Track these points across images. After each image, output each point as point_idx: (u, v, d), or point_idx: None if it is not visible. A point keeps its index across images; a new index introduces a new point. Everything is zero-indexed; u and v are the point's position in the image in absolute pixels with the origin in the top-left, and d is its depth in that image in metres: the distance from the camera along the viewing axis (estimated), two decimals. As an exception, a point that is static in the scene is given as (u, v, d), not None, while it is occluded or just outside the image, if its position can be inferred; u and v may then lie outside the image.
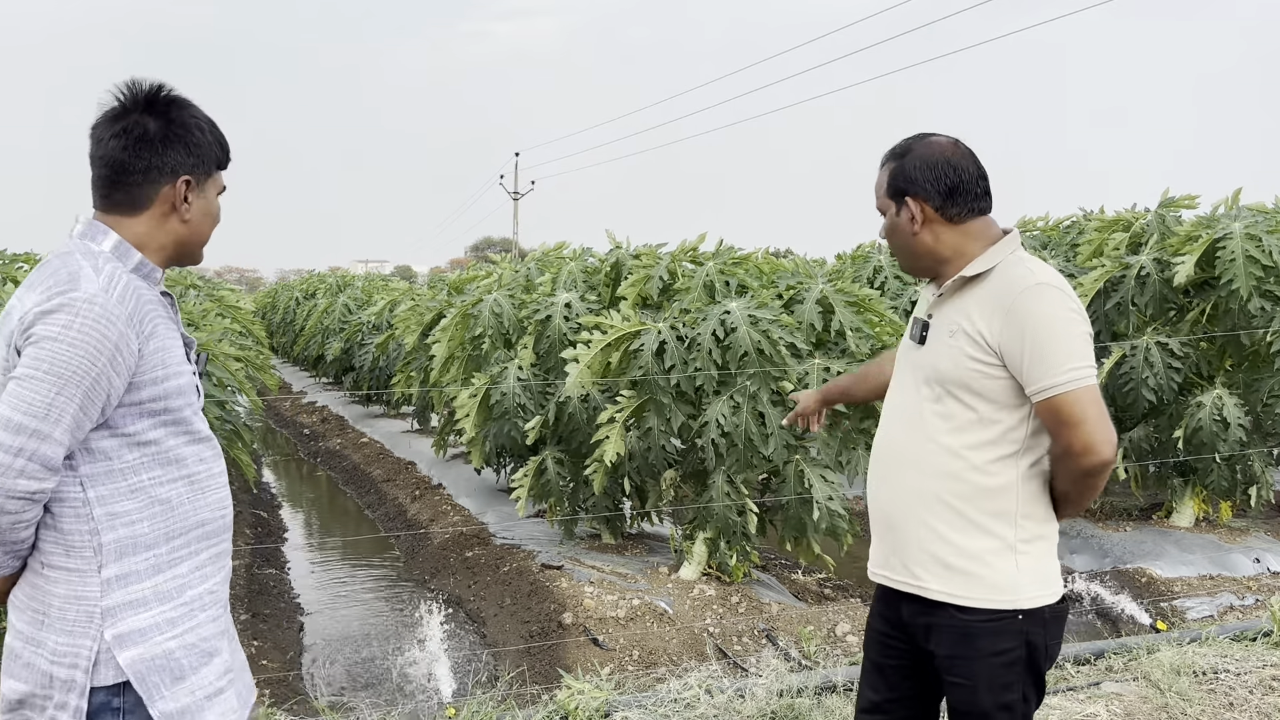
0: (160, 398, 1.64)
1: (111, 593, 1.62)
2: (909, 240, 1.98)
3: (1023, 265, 1.89)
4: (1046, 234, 6.99)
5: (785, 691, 3.46)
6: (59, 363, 1.53)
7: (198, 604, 1.70)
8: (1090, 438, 1.80)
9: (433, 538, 6.75)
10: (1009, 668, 1.91)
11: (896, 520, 1.99)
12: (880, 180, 2.02)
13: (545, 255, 6.48)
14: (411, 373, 8.08)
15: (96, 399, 1.56)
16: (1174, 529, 5.93)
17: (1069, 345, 1.81)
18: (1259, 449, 5.61)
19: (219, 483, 1.75)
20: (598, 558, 5.44)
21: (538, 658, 4.51)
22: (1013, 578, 1.89)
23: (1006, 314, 1.83)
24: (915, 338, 2.02)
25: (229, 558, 1.80)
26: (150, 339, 1.62)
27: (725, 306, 4.53)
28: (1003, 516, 1.90)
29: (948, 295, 1.96)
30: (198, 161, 1.72)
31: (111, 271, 1.60)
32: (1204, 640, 4.01)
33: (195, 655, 1.68)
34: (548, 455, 5.44)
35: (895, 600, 2.03)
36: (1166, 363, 5.46)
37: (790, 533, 4.71)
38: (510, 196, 41.69)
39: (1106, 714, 3.38)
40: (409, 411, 11.12)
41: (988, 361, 1.86)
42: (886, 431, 2.06)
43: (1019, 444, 1.89)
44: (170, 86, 1.72)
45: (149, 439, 1.65)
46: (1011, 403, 1.88)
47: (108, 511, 1.61)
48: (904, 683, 2.10)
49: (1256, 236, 5.16)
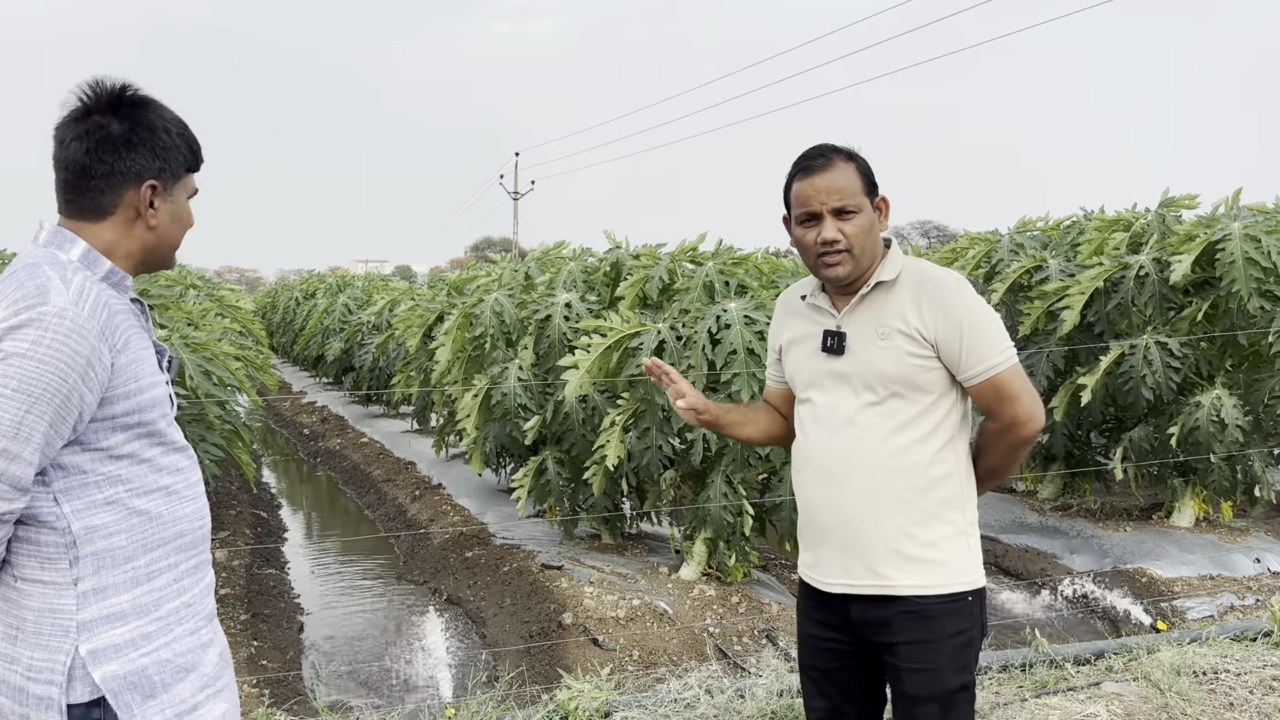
0: (134, 411, 1.59)
1: (88, 606, 1.57)
2: (877, 239, 2.01)
3: (930, 266, 2.04)
4: (1047, 234, 6.98)
5: (785, 691, 3.46)
6: (28, 380, 1.47)
7: (174, 618, 1.65)
8: (1031, 408, 1.98)
9: (433, 538, 6.75)
10: (966, 648, 2.00)
11: (853, 526, 2.01)
12: (850, 176, 1.98)
13: (545, 255, 6.48)
14: (411, 373, 8.08)
15: (68, 416, 1.50)
16: (1174, 529, 5.93)
17: (998, 329, 1.98)
18: (1259, 449, 5.61)
19: (196, 492, 1.71)
20: (598, 558, 5.44)
21: (538, 658, 4.51)
22: (966, 561, 2.01)
23: (942, 309, 1.95)
24: (834, 349, 2.03)
25: (209, 568, 1.76)
26: (123, 351, 1.56)
27: (723, 306, 4.53)
28: (952, 503, 2.01)
29: (858, 303, 2.02)
30: (164, 165, 1.64)
31: (81, 283, 1.53)
32: (1204, 640, 4.01)
33: (169, 671, 1.63)
34: (547, 455, 5.44)
35: (839, 603, 2.06)
36: (1166, 362, 5.46)
37: (787, 533, 4.71)
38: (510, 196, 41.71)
39: (1107, 714, 3.38)
40: (409, 412, 11.13)
41: (925, 355, 1.96)
42: (820, 441, 2.06)
43: (953, 431, 2.02)
44: (136, 86, 1.64)
45: (124, 453, 1.60)
46: (943, 392, 2.00)
47: (85, 525, 1.57)
48: (855, 682, 2.13)
49: (1256, 237, 5.16)
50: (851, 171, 1.98)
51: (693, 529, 4.97)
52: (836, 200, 1.96)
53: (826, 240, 1.96)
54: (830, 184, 1.96)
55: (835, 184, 1.96)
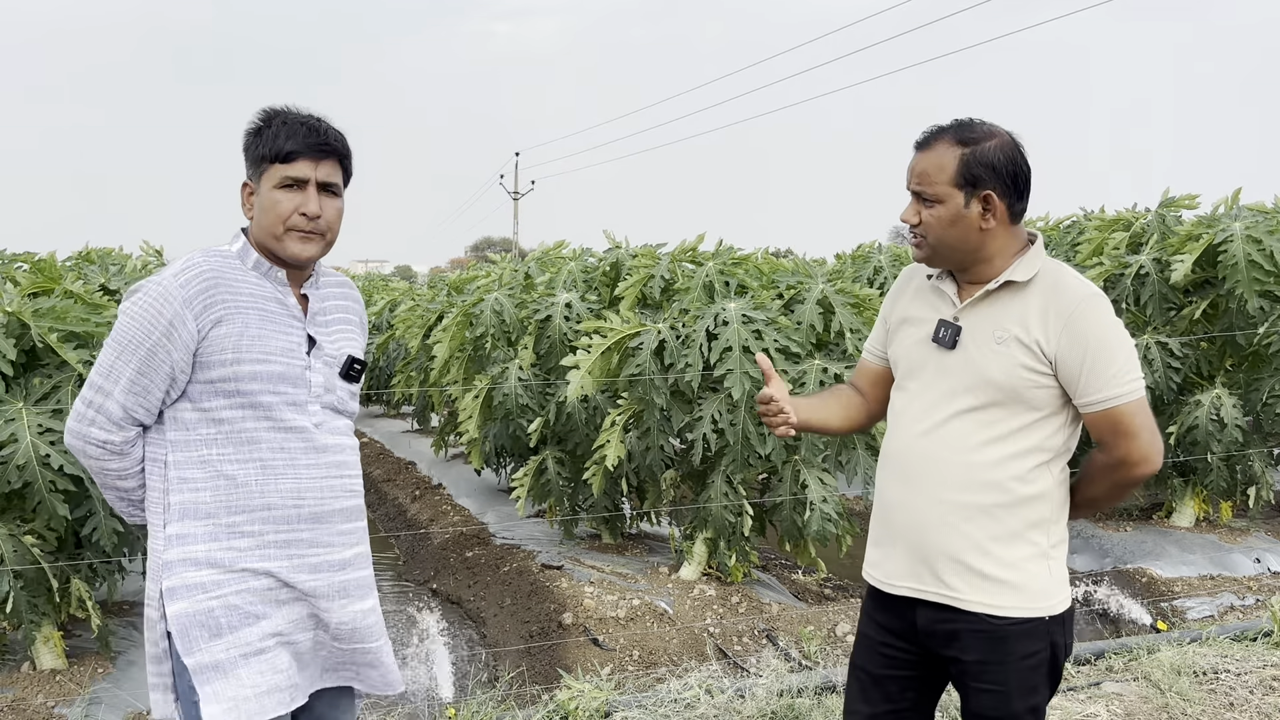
0: (230, 379, 1.77)
1: (171, 548, 1.79)
2: (972, 234, 1.86)
3: (1069, 274, 1.88)
4: (1047, 233, 6.97)
5: (785, 691, 3.46)
6: (119, 333, 1.77)
7: (251, 577, 1.80)
8: (1147, 449, 1.84)
9: (433, 537, 6.74)
10: (1036, 670, 1.90)
11: (927, 531, 1.91)
12: (943, 162, 1.84)
13: (545, 255, 6.48)
14: (411, 373, 8.08)
15: (157, 367, 1.75)
16: (1174, 529, 5.93)
17: (1127, 356, 1.84)
18: (1258, 449, 5.61)
19: (300, 474, 1.84)
20: (598, 558, 5.44)
21: (538, 658, 4.51)
22: (1046, 584, 1.89)
23: (1066, 324, 1.82)
24: (945, 342, 1.92)
25: (316, 550, 1.86)
26: (220, 324, 1.76)
27: (722, 305, 4.53)
28: (1038, 524, 1.89)
29: (982, 299, 1.89)
30: (250, 166, 1.85)
31: (199, 261, 1.79)
32: (1204, 640, 4.01)
33: (237, 616, 1.78)
34: (548, 455, 5.44)
35: (905, 609, 1.97)
36: (1166, 362, 5.46)
37: (788, 533, 4.71)
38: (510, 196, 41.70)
39: (1107, 714, 3.38)
40: (409, 411, 11.12)
41: (1041, 370, 1.84)
42: (908, 440, 1.96)
43: (1053, 452, 1.89)
44: (287, 105, 1.87)
45: (222, 417, 1.79)
46: (1052, 412, 1.87)
47: (179, 476, 1.79)
48: (905, 694, 2.04)
49: (1258, 238, 5.15)
50: (950, 157, 1.84)
51: (693, 529, 4.97)
52: (915, 184, 1.89)
53: (904, 219, 1.92)
54: (917, 165, 1.89)
55: (920, 167, 1.89)
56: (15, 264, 4.60)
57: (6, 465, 3.38)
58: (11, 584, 3.48)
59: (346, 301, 2.04)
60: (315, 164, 1.82)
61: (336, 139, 1.87)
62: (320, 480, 1.85)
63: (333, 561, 1.88)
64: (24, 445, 3.38)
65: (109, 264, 5.05)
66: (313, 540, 1.85)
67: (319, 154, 1.82)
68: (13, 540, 3.51)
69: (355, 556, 1.94)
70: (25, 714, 3.54)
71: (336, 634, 1.90)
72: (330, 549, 1.87)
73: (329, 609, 1.87)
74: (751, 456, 4.51)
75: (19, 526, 3.57)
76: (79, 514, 3.59)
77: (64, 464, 3.40)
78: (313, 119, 1.84)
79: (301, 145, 1.80)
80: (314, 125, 1.83)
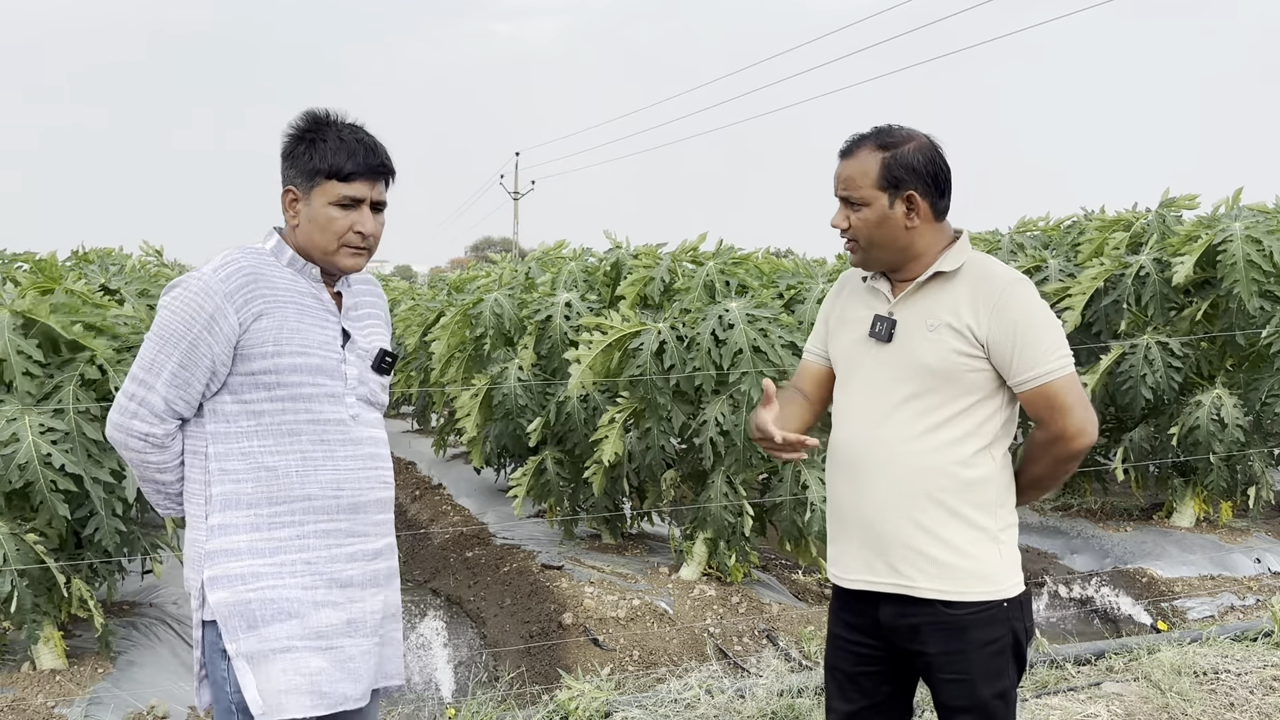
0: (270, 371, 1.80)
1: (213, 539, 1.82)
2: (898, 234, 1.95)
3: (993, 262, 1.98)
4: (1047, 234, 6.97)
5: (785, 691, 3.46)
6: (161, 327, 1.80)
7: (289, 569, 1.83)
8: (1082, 422, 1.90)
9: (433, 538, 6.75)
10: (999, 656, 1.95)
11: (877, 522, 1.97)
12: (866, 168, 1.94)
13: (545, 255, 6.47)
14: (411, 372, 8.07)
15: (198, 360, 1.78)
16: (1174, 529, 5.93)
17: (1056, 335, 1.91)
18: (1259, 449, 5.61)
19: (339, 465, 1.87)
20: (598, 558, 5.44)
21: (538, 658, 4.51)
22: (996, 567, 1.95)
23: (994, 307, 1.90)
24: (881, 336, 1.99)
25: (353, 539, 1.90)
26: (261, 317, 1.79)
27: (725, 305, 4.53)
28: (984, 508, 1.95)
29: (914, 291, 1.97)
30: (297, 174, 1.86)
31: (237, 258, 1.82)
32: (1205, 640, 4.01)
33: (270, 610, 1.81)
34: (547, 455, 5.44)
35: (868, 605, 2.02)
36: (1166, 362, 5.46)
37: (788, 533, 4.71)
38: (510, 196, 41.72)
39: (1107, 714, 3.38)
40: (409, 411, 11.12)
41: (973, 354, 1.91)
42: (853, 434, 2.02)
43: (993, 435, 1.96)
44: (334, 110, 1.89)
45: (262, 409, 1.82)
46: (987, 395, 1.94)
47: (220, 467, 1.82)
48: (880, 688, 2.08)
49: (1257, 239, 5.16)
50: (872, 162, 1.94)
51: (693, 529, 4.97)
52: (842, 190, 1.98)
53: (834, 225, 2.01)
54: (842, 172, 1.99)
55: (845, 173, 1.98)
56: (15, 264, 4.61)
57: (8, 464, 3.38)
58: (16, 583, 3.49)
59: (374, 299, 2.08)
60: (372, 185, 1.86)
61: (388, 159, 1.91)
62: (357, 471, 1.89)
63: (367, 551, 1.92)
64: (25, 445, 3.38)
65: (109, 264, 5.06)
66: (350, 530, 1.89)
67: (376, 175, 1.87)
68: (15, 539, 3.51)
69: (386, 547, 1.98)
70: (25, 714, 3.55)
71: (369, 627, 1.94)
72: (365, 539, 1.91)
73: (362, 597, 1.90)
74: (754, 457, 4.51)
75: (20, 526, 3.58)
76: (80, 514, 3.60)
77: (65, 464, 3.41)
78: (369, 138, 1.88)
79: (361, 166, 1.84)
80: (371, 145, 1.87)
